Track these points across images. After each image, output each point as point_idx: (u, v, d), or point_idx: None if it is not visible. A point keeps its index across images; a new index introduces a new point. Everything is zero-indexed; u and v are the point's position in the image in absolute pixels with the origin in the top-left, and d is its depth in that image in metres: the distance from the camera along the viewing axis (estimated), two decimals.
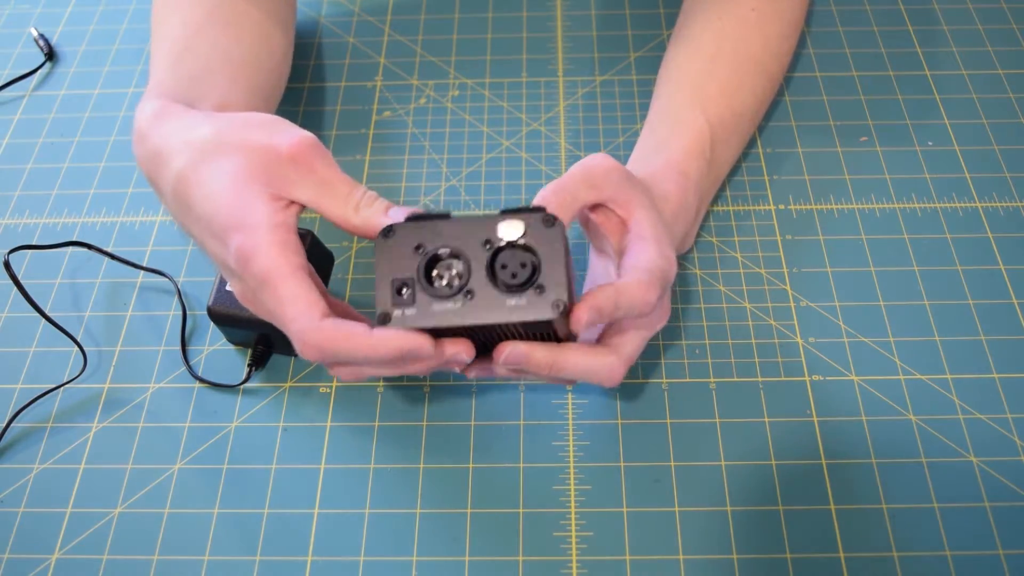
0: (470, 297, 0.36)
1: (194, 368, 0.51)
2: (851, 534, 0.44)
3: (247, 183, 0.37)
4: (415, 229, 0.37)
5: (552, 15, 0.69)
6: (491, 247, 0.37)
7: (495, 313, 0.36)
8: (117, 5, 0.72)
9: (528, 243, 0.36)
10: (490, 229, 0.37)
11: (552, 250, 0.36)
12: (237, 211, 0.37)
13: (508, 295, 0.36)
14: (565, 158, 0.60)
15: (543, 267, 0.36)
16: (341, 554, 0.44)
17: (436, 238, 0.37)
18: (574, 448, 0.47)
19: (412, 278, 0.36)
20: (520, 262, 0.36)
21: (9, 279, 0.48)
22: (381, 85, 0.65)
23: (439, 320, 0.36)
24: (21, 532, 0.46)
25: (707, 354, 0.50)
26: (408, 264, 0.37)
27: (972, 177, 0.58)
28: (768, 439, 0.47)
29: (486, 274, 0.36)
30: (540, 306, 0.36)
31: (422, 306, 0.36)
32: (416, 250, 0.37)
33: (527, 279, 0.36)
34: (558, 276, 0.36)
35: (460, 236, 0.37)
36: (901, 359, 0.50)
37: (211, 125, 0.40)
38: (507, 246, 0.37)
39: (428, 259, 0.37)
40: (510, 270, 0.36)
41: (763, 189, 0.58)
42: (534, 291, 0.36)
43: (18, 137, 0.63)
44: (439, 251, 0.37)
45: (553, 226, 0.37)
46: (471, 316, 0.36)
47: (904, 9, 0.68)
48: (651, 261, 0.39)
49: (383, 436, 0.48)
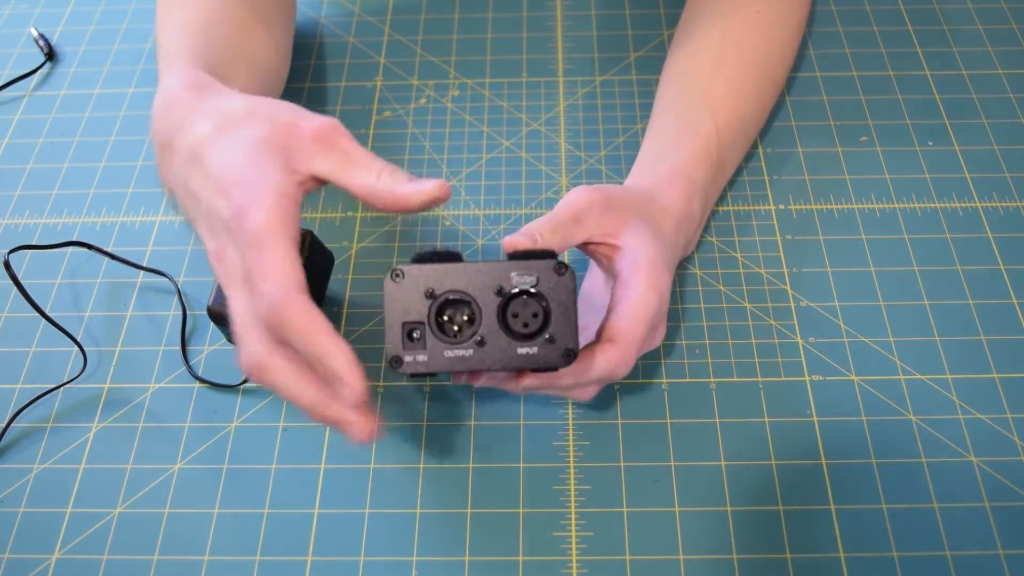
0: (481, 344, 0.37)
1: (194, 368, 0.51)
2: (851, 534, 0.44)
3: (265, 149, 0.38)
4: (424, 272, 0.37)
5: (552, 15, 0.69)
6: (503, 295, 0.37)
7: (506, 359, 0.37)
8: (117, 5, 0.72)
9: (540, 291, 0.37)
10: (502, 277, 0.37)
11: (563, 299, 0.37)
12: (249, 170, 0.37)
13: (519, 343, 0.37)
14: (565, 158, 0.60)
15: (553, 316, 0.37)
16: (341, 554, 0.44)
17: (446, 283, 0.37)
18: (574, 448, 0.47)
19: (423, 323, 0.37)
20: (532, 312, 0.37)
21: (9, 279, 0.48)
22: (381, 85, 0.65)
23: (451, 366, 0.37)
24: (21, 532, 0.46)
25: (707, 354, 0.50)
26: (418, 308, 0.37)
27: (972, 177, 0.58)
28: (768, 439, 0.47)
29: (497, 321, 0.37)
30: (551, 355, 0.37)
31: (434, 352, 0.37)
32: (426, 295, 0.37)
33: (538, 328, 0.37)
34: (569, 325, 0.37)
35: (471, 282, 0.37)
36: (901, 359, 0.50)
37: (245, 100, 0.41)
38: (519, 294, 0.37)
39: (439, 304, 0.37)
40: (522, 319, 0.37)
41: (763, 189, 0.58)
42: (545, 340, 0.37)
43: (18, 137, 0.63)
44: (450, 296, 0.37)
45: (563, 275, 0.37)
46: (482, 363, 0.37)
47: (904, 9, 0.68)
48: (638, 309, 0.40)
49: (384, 436, 0.48)
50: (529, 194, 0.58)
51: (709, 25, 0.56)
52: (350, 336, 0.52)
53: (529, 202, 0.57)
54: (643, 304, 0.40)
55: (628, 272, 0.41)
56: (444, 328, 0.37)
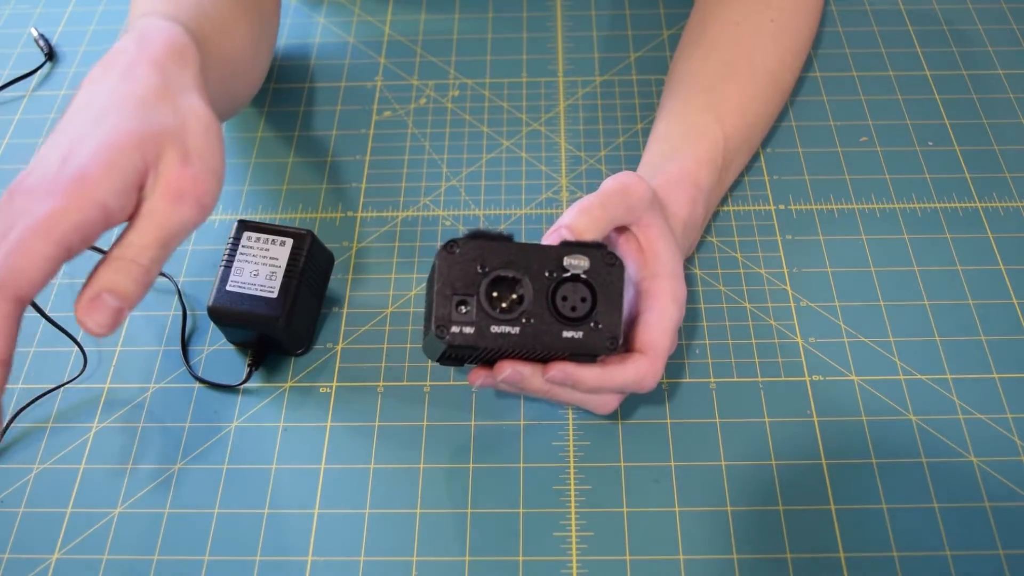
0: (528, 324, 0.37)
1: (194, 368, 0.51)
2: (851, 534, 0.44)
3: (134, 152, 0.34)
4: (479, 247, 0.38)
5: (552, 15, 0.69)
6: (554, 277, 0.38)
7: (551, 342, 0.37)
8: (117, 5, 0.72)
9: (590, 279, 0.38)
10: (554, 260, 0.38)
11: (611, 290, 0.38)
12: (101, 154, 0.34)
13: (564, 325, 0.37)
14: (565, 158, 0.60)
15: (600, 303, 0.38)
16: (341, 554, 0.44)
17: (500, 260, 0.38)
18: (574, 448, 0.47)
19: (473, 295, 0.37)
20: (581, 296, 0.38)
21: None
22: (381, 85, 0.65)
23: (495, 342, 0.37)
24: (21, 532, 0.46)
25: (707, 354, 0.50)
26: (470, 281, 0.37)
27: (972, 177, 0.58)
28: (768, 439, 0.47)
29: (545, 303, 0.37)
30: (595, 341, 0.37)
31: (481, 325, 0.37)
32: (479, 269, 0.37)
33: (585, 314, 0.38)
34: (615, 315, 0.38)
35: (524, 262, 0.38)
36: (901, 359, 0.50)
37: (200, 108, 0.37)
38: (570, 278, 0.38)
39: (491, 280, 0.37)
40: (570, 303, 0.38)
41: (763, 189, 0.58)
42: (591, 326, 0.37)
43: (18, 137, 0.63)
44: (502, 273, 0.37)
45: (614, 266, 0.38)
46: (526, 343, 0.37)
47: (904, 9, 0.68)
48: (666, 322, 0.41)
49: (383, 436, 0.48)
50: (529, 194, 0.58)
51: (721, 30, 0.56)
52: (350, 336, 0.52)
53: (529, 202, 0.57)
54: (669, 314, 0.41)
55: (650, 281, 0.42)
56: (493, 303, 0.38)
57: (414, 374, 0.50)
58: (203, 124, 0.37)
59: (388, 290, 0.53)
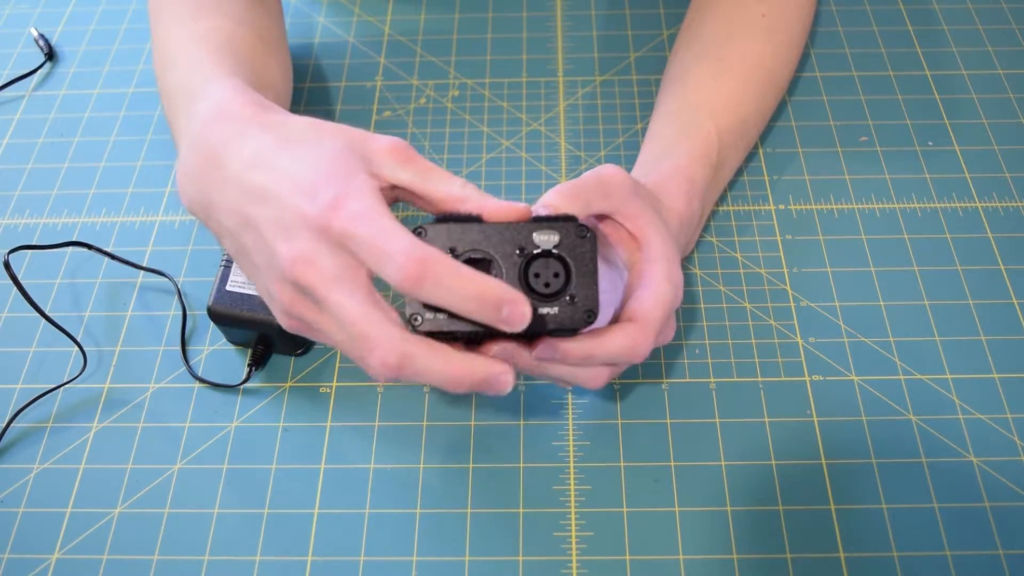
0: None
1: (194, 368, 0.51)
2: (851, 534, 0.44)
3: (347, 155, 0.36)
4: (447, 230, 0.37)
5: (552, 15, 0.69)
6: (524, 254, 0.37)
7: None
8: (117, 5, 0.72)
9: (561, 253, 0.37)
10: (524, 237, 0.37)
11: (584, 261, 0.37)
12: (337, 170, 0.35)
13: (540, 302, 0.37)
14: (565, 158, 0.60)
15: (575, 277, 0.37)
16: (341, 554, 0.44)
17: (468, 241, 0.37)
18: (574, 448, 0.47)
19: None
20: (553, 272, 0.37)
21: (9, 279, 0.48)
22: (381, 85, 0.65)
23: (470, 327, 0.36)
24: (21, 532, 0.46)
25: (707, 354, 0.50)
26: None
27: (972, 177, 0.58)
28: (768, 439, 0.47)
29: (519, 281, 0.37)
30: (572, 315, 0.37)
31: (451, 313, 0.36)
32: (450, 252, 0.37)
33: (559, 288, 0.37)
34: (590, 287, 0.37)
35: (493, 241, 0.37)
36: (901, 359, 0.50)
37: (307, 119, 0.39)
38: (541, 254, 0.37)
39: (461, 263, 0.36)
40: (543, 279, 0.37)
41: (763, 189, 0.58)
42: (566, 300, 0.37)
43: (18, 137, 0.63)
44: (472, 255, 0.37)
45: (585, 237, 0.37)
46: None
47: (904, 9, 0.68)
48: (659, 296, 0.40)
49: (383, 436, 0.48)
50: (529, 194, 0.58)
51: (713, 27, 0.56)
52: None
53: (529, 202, 0.57)
54: (662, 291, 0.40)
55: (645, 263, 0.41)
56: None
57: None
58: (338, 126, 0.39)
59: (388, 290, 0.53)
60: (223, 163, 0.38)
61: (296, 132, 0.38)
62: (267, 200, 0.36)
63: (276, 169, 0.36)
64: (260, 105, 0.40)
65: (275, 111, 0.40)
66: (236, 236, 0.38)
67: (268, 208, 0.36)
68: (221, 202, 0.38)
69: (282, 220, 0.36)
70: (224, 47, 0.47)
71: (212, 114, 0.40)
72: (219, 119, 0.40)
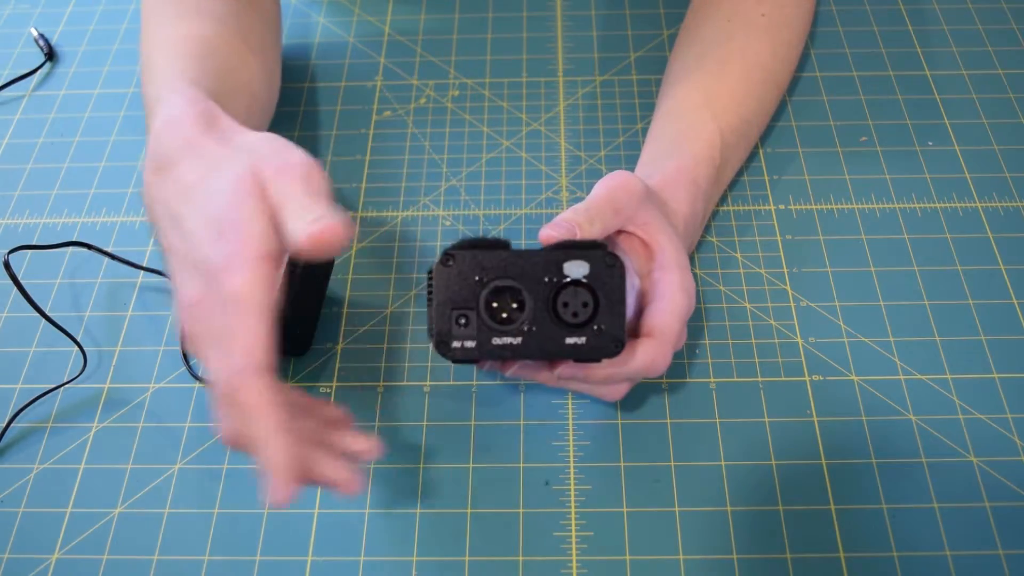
0: (530, 333, 0.37)
1: (194, 368, 0.51)
2: (851, 534, 0.44)
3: (253, 193, 0.36)
4: (476, 258, 0.37)
5: (552, 15, 0.69)
6: (553, 283, 0.37)
7: (553, 348, 0.37)
8: (117, 5, 0.72)
9: (591, 282, 0.37)
10: (553, 266, 0.37)
11: (613, 291, 0.37)
12: (238, 209, 0.35)
13: (567, 332, 0.37)
14: (565, 158, 0.60)
15: (602, 307, 0.37)
16: (341, 554, 0.44)
17: (497, 269, 0.37)
18: (574, 448, 0.47)
19: (473, 309, 0.37)
20: (582, 301, 0.37)
21: (9, 279, 0.48)
22: (381, 85, 0.65)
23: (500, 355, 0.37)
24: (21, 532, 0.46)
25: (707, 354, 0.50)
26: (468, 294, 0.37)
27: (972, 177, 0.58)
28: (768, 439, 0.47)
29: (547, 310, 0.37)
30: (599, 345, 0.37)
31: (482, 339, 0.37)
32: (477, 281, 0.37)
33: (587, 319, 0.37)
34: (617, 317, 0.37)
35: (522, 270, 0.37)
36: (901, 359, 0.50)
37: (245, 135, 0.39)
38: (570, 283, 0.37)
39: (490, 291, 0.37)
40: (571, 309, 0.37)
41: (763, 189, 0.58)
42: (593, 330, 0.37)
43: (18, 137, 0.63)
44: (500, 284, 0.37)
45: (614, 267, 0.38)
46: (530, 352, 0.37)
47: (904, 9, 0.68)
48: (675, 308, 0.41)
49: (383, 436, 0.48)
50: (529, 194, 0.58)
51: (714, 27, 0.56)
52: (350, 336, 0.52)
53: (529, 202, 0.57)
54: (678, 302, 0.41)
55: (660, 272, 0.42)
56: (493, 315, 0.37)
57: (414, 374, 0.50)
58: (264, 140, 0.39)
59: (388, 290, 0.53)
60: (166, 179, 0.39)
61: (217, 159, 0.38)
62: (184, 235, 0.37)
63: (194, 206, 0.37)
64: (210, 120, 0.40)
65: (219, 127, 0.40)
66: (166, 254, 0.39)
67: (184, 242, 0.37)
68: (156, 216, 0.40)
69: (193, 260, 0.36)
70: (196, 53, 0.48)
71: (161, 125, 0.41)
72: (165, 130, 0.40)
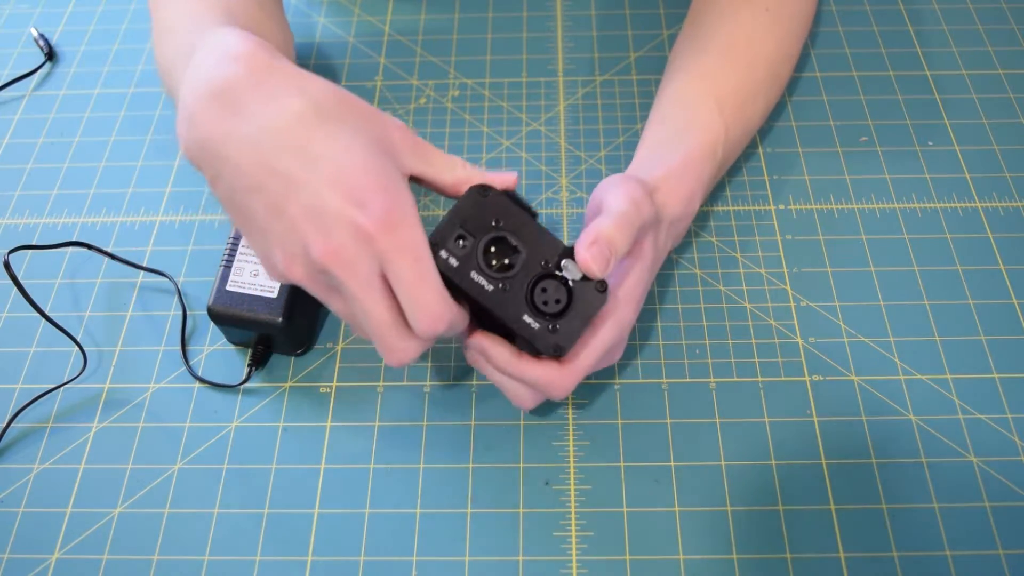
0: (503, 290, 0.39)
1: (194, 368, 0.51)
2: (851, 534, 0.44)
3: (385, 153, 0.37)
4: (504, 205, 0.39)
5: (552, 15, 0.69)
6: (547, 268, 0.39)
7: (510, 314, 0.39)
8: (117, 5, 0.72)
9: (575, 289, 0.39)
10: (554, 255, 0.39)
11: (586, 310, 0.39)
12: (380, 175, 0.36)
13: (529, 311, 0.39)
14: (565, 158, 0.60)
15: (570, 315, 0.39)
16: (341, 554, 0.44)
17: (514, 227, 0.39)
18: (574, 448, 0.47)
19: (474, 240, 0.39)
20: (557, 298, 0.39)
21: (9, 279, 0.48)
22: (381, 85, 0.65)
23: (468, 286, 0.39)
24: (21, 532, 0.46)
25: (707, 354, 0.50)
26: (479, 226, 0.39)
27: (972, 177, 0.58)
28: (768, 439, 0.47)
29: (527, 285, 0.39)
30: (545, 339, 0.39)
31: (464, 265, 0.39)
32: (493, 223, 0.39)
33: (553, 314, 0.39)
34: (575, 330, 0.39)
35: (531, 241, 0.39)
36: (901, 359, 0.50)
37: (326, 83, 0.38)
38: (558, 278, 0.39)
39: (495, 237, 0.39)
40: (545, 297, 0.39)
41: (763, 189, 0.58)
42: (549, 325, 0.39)
43: (18, 137, 0.63)
44: (509, 238, 0.39)
45: (602, 292, 0.39)
46: (492, 302, 0.39)
47: (904, 9, 0.68)
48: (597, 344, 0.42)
49: (383, 436, 0.48)
50: (529, 194, 0.58)
51: (718, 22, 0.55)
52: (350, 336, 0.52)
53: (529, 202, 0.57)
54: (602, 339, 0.41)
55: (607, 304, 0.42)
56: (486, 255, 0.39)
57: (414, 374, 0.50)
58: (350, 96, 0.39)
59: None
60: (239, 112, 0.36)
61: (325, 105, 0.37)
62: (300, 187, 0.35)
63: (310, 156, 0.35)
64: (272, 53, 0.38)
65: (288, 64, 0.38)
66: (244, 196, 0.37)
67: (301, 194, 0.35)
68: (235, 158, 0.36)
69: (318, 211, 0.35)
70: (222, 8, 0.47)
71: (220, 55, 0.38)
72: (230, 59, 0.37)
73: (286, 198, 0.36)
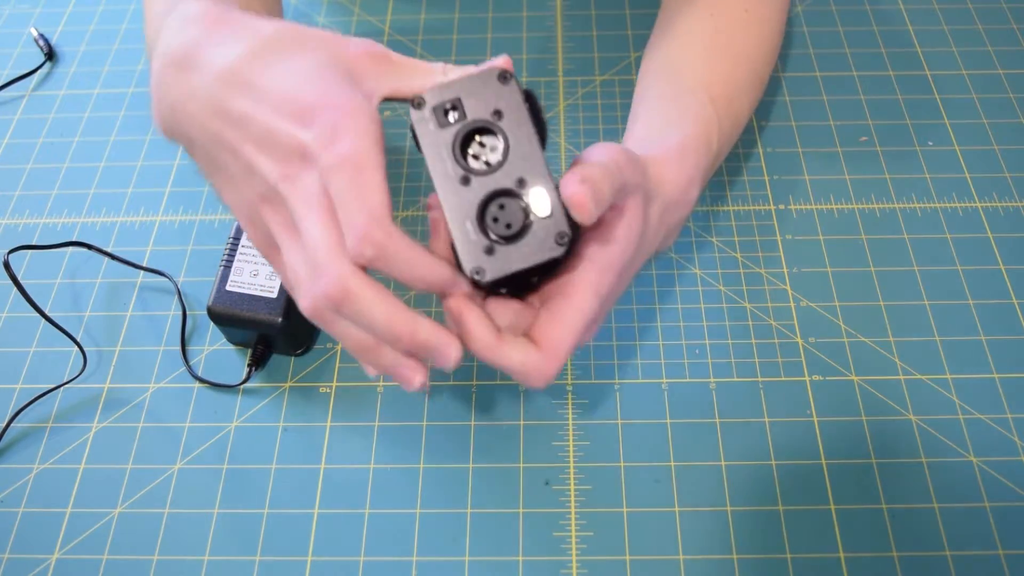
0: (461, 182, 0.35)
1: (194, 368, 0.51)
2: (851, 534, 0.44)
3: (333, 70, 0.35)
4: (517, 104, 0.35)
5: (552, 15, 0.69)
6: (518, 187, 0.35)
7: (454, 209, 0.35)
8: (117, 5, 0.72)
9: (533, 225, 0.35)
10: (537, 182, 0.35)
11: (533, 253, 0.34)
12: (327, 92, 0.34)
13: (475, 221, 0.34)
14: (565, 158, 0.60)
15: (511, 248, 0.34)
16: (341, 554, 0.44)
17: (511, 126, 0.35)
18: (574, 448, 0.47)
19: (462, 122, 0.35)
20: (508, 222, 0.35)
21: (9, 279, 0.48)
22: None
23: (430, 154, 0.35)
24: (21, 532, 0.46)
25: (707, 354, 0.50)
26: (477, 106, 0.35)
27: (972, 177, 0.58)
28: (768, 439, 0.47)
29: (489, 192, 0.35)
30: (473, 256, 0.34)
31: (436, 135, 0.35)
32: (493, 112, 0.35)
33: (497, 237, 0.34)
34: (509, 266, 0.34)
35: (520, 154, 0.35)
36: (901, 359, 0.50)
37: (278, 23, 0.37)
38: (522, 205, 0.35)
39: (485, 128, 0.35)
40: (497, 215, 0.35)
41: (763, 189, 0.58)
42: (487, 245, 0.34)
43: (18, 137, 0.63)
44: (497, 136, 0.35)
45: (560, 246, 0.34)
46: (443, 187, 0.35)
47: (904, 9, 0.68)
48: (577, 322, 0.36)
49: (383, 436, 0.48)
50: None
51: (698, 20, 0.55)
52: None
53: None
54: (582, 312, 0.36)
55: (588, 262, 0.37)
56: (467, 140, 0.35)
57: None
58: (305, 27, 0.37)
59: None
60: (196, 68, 0.36)
61: (277, 39, 0.36)
62: (247, 123, 0.35)
63: (259, 89, 0.35)
64: (227, 7, 0.38)
65: (240, 15, 0.38)
66: (207, 150, 0.37)
67: (252, 128, 0.35)
68: (197, 114, 0.36)
69: (270, 140, 0.34)
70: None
71: (180, 23, 0.38)
72: (187, 24, 0.37)
73: (243, 139, 0.35)
